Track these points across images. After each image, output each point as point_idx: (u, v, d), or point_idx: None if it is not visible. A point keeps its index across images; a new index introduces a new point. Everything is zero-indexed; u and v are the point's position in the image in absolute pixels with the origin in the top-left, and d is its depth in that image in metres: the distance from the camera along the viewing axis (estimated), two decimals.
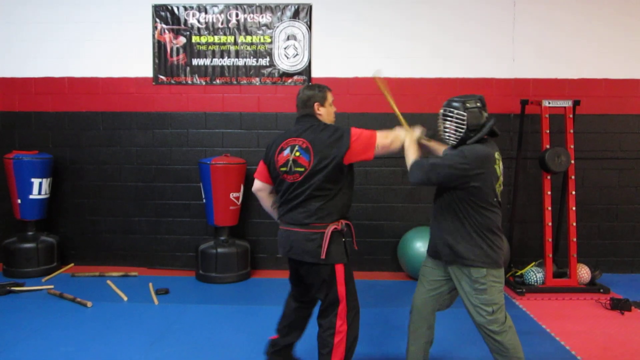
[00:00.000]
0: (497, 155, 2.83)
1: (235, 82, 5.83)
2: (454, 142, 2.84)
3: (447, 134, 2.86)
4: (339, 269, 2.89)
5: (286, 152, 2.92)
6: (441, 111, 2.88)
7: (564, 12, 5.69)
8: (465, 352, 3.73)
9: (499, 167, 2.83)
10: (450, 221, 2.83)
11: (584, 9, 5.69)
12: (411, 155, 2.87)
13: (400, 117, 3.16)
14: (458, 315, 3.66)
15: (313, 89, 3.04)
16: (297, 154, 2.88)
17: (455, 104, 2.83)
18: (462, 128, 2.79)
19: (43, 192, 5.57)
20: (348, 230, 2.97)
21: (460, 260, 2.80)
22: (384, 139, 2.93)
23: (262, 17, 5.77)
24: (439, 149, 3.11)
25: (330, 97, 3.06)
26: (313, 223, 2.85)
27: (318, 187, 2.84)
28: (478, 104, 2.83)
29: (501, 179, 2.85)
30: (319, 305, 3.05)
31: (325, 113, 3.03)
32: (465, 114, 2.78)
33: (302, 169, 2.86)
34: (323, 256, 2.81)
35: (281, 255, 3.05)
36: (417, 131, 3.04)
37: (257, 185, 3.19)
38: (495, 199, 2.79)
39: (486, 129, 2.82)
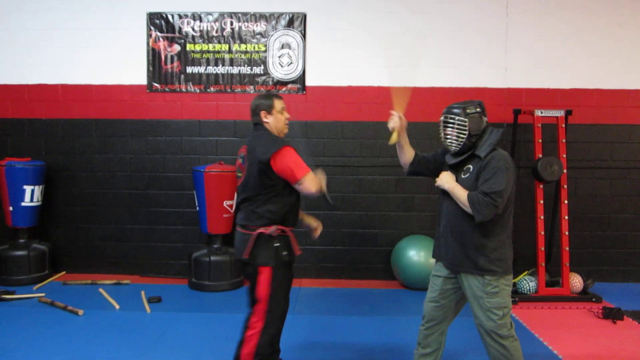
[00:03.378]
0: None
1: (229, 90, 5.84)
2: (457, 149, 2.86)
3: (449, 140, 2.87)
4: (263, 271, 2.99)
5: (238, 159, 3.19)
6: (442, 118, 2.89)
7: (557, 23, 5.75)
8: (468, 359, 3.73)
9: None
10: (477, 229, 2.79)
11: (576, 20, 5.75)
12: (461, 192, 2.78)
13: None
14: (462, 324, 3.65)
15: (260, 98, 3.16)
16: (241, 160, 3.13)
17: (455, 111, 2.84)
18: (463, 134, 2.81)
19: (35, 199, 5.54)
20: (283, 237, 3.02)
21: (479, 271, 2.79)
22: (309, 183, 2.93)
23: (257, 25, 5.79)
24: None
25: (278, 104, 3.14)
26: (247, 225, 3.03)
27: (250, 192, 3.01)
28: (478, 109, 2.84)
29: None
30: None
31: (273, 120, 3.13)
32: (466, 119, 2.80)
33: (241, 174, 3.10)
34: (245, 255, 2.99)
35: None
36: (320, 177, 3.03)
37: None
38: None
39: (500, 133, 2.83)
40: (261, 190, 2.97)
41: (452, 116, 2.84)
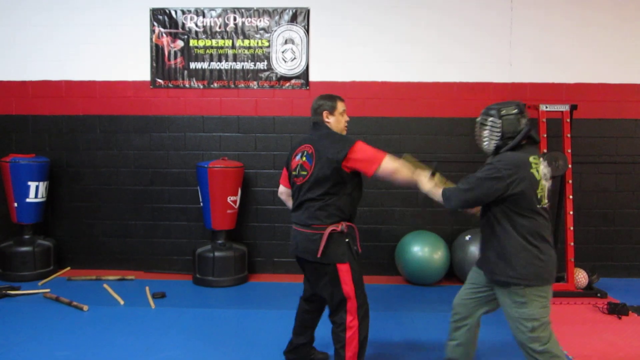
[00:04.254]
0: (532, 159, 2.72)
1: (232, 86, 5.83)
2: (488, 150, 2.85)
3: (484, 142, 2.85)
4: (342, 269, 3.01)
5: (297, 157, 3.16)
6: (478, 119, 2.88)
7: (561, 17, 5.72)
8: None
9: (538, 172, 2.72)
10: (490, 236, 2.79)
11: (580, 14, 5.72)
12: (436, 190, 2.83)
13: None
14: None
15: (323, 99, 3.22)
16: (304, 159, 3.10)
17: (491, 112, 2.80)
18: (497, 136, 2.78)
19: (40, 195, 5.55)
20: (351, 232, 3.07)
21: (499, 278, 2.75)
22: (390, 164, 2.97)
23: (260, 21, 5.77)
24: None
25: (340, 106, 3.21)
26: (314, 224, 3.01)
27: (318, 191, 3.00)
28: (514, 111, 2.77)
29: (543, 183, 2.74)
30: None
31: (334, 121, 3.19)
32: (499, 121, 2.76)
33: (305, 173, 3.06)
34: (318, 255, 2.96)
35: (290, 252, 3.23)
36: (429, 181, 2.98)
37: (280, 189, 3.48)
38: (538, 206, 2.70)
39: (520, 136, 2.76)
40: (331, 189, 2.99)
41: (487, 117, 2.81)
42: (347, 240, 3.03)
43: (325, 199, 2.99)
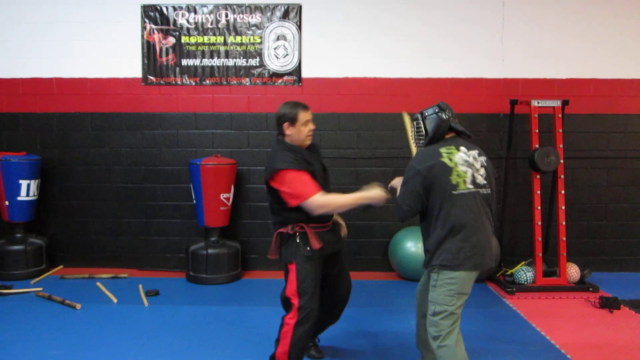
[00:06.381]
0: (444, 149, 2.83)
1: (225, 83, 5.81)
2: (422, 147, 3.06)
3: (415, 142, 3.14)
4: (290, 268, 3.09)
5: None
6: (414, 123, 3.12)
7: (553, 12, 5.73)
8: None
9: (451, 160, 2.78)
10: (423, 227, 2.94)
11: (572, 10, 5.73)
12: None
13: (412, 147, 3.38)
14: None
15: (286, 107, 3.13)
16: None
17: (417, 115, 3.04)
18: (421, 135, 3.01)
19: (31, 193, 5.52)
20: (302, 233, 3.06)
21: (426, 265, 2.89)
22: (313, 203, 2.92)
23: (252, 17, 5.75)
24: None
25: (302, 117, 3.11)
26: (274, 230, 3.19)
27: (270, 200, 3.15)
28: (435, 109, 2.96)
29: (460, 170, 2.77)
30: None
31: (295, 133, 3.12)
32: (422, 122, 3.00)
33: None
34: (271, 255, 3.19)
35: None
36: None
37: None
38: (455, 192, 2.73)
39: (431, 131, 2.94)
40: (277, 199, 3.06)
41: (416, 120, 3.05)
42: (297, 241, 3.05)
43: (274, 207, 3.13)
